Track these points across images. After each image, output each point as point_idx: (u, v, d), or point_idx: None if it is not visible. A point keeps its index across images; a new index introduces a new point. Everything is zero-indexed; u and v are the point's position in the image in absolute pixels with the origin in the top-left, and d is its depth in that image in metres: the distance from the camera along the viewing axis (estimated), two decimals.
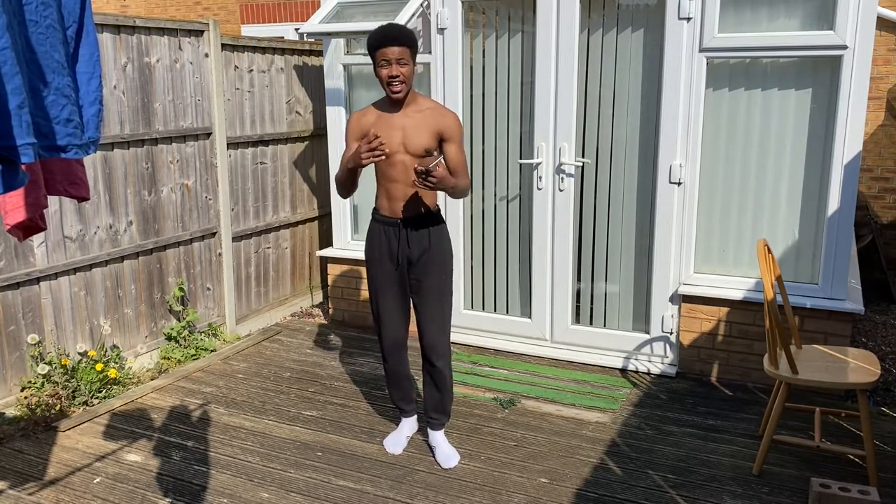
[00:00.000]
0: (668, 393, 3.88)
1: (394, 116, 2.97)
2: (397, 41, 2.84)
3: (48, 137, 1.58)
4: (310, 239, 5.54)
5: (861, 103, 3.53)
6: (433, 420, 3.26)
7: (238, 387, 4.02)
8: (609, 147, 4.14)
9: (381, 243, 3.08)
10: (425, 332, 3.10)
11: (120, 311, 4.14)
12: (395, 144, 2.95)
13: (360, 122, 3.03)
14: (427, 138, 2.95)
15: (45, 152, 1.59)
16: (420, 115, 2.97)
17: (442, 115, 2.98)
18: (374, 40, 2.88)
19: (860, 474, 3.02)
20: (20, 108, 1.42)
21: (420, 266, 3.06)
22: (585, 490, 2.96)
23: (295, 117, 5.25)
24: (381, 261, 3.09)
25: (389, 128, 2.96)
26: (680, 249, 4.01)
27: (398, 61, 2.85)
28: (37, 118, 1.55)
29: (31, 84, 1.52)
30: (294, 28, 8.22)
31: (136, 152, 4.11)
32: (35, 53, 1.53)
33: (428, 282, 3.07)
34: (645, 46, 3.94)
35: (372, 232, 3.12)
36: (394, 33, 2.85)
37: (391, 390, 3.33)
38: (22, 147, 1.43)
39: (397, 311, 3.14)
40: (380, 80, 2.92)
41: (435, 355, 3.11)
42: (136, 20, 4.00)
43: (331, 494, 2.95)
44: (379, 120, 2.99)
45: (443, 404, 3.21)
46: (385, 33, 2.86)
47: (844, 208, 3.65)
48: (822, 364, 3.03)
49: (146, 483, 3.03)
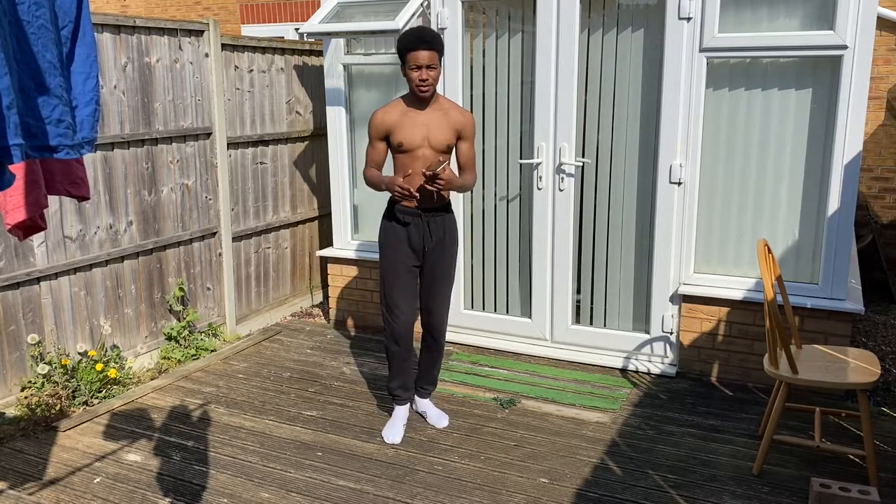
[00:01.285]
0: (668, 393, 3.88)
1: (419, 113, 3.19)
2: (430, 45, 3.05)
3: (38, 138, 1.58)
4: (310, 239, 5.54)
5: (861, 103, 3.53)
6: (425, 390, 3.58)
7: (238, 387, 4.02)
8: (609, 147, 4.14)
9: (400, 233, 3.27)
10: (434, 312, 3.40)
11: (120, 311, 4.14)
12: (420, 139, 3.17)
13: (385, 118, 3.20)
14: (449, 135, 3.21)
15: (35, 153, 1.59)
16: (442, 113, 3.21)
17: (461, 114, 3.26)
18: (407, 43, 3.07)
19: (860, 474, 3.02)
20: (9, 109, 1.42)
21: (437, 253, 3.32)
22: (585, 490, 2.96)
23: (295, 117, 5.25)
24: (399, 249, 3.28)
25: (414, 124, 3.17)
26: (680, 249, 4.01)
27: (428, 66, 3.07)
28: (27, 118, 1.55)
29: (21, 84, 1.52)
30: (294, 28, 8.22)
31: (137, 152, 4.11)
32: (26, 54, 1.53)
33: (441, 266, 3.35)
34: (645, 46, 3.94)
35: (389, 222, 3.31)
36: (427, 37, 3.05)
37: (394, 378, 3.43)
38: (11, 147, 1.43)
39: (410, 297, 3.33)
40: (409, 80, 3.12)
41: (439, 333, 3.44)
42: (136, 20, 4.00)
43: (331, 494, 2.95)
44: (404, 116, 3.19)
45: (435, 376, 3.57)
46: (419, 37, 3.04)
47: (844, 208, 3.65)
48: (822, 364, 3.03)
49: (146, 483, 3.03)
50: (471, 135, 3.27)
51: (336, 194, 4.91)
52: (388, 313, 3.33)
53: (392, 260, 3.29)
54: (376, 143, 3.24)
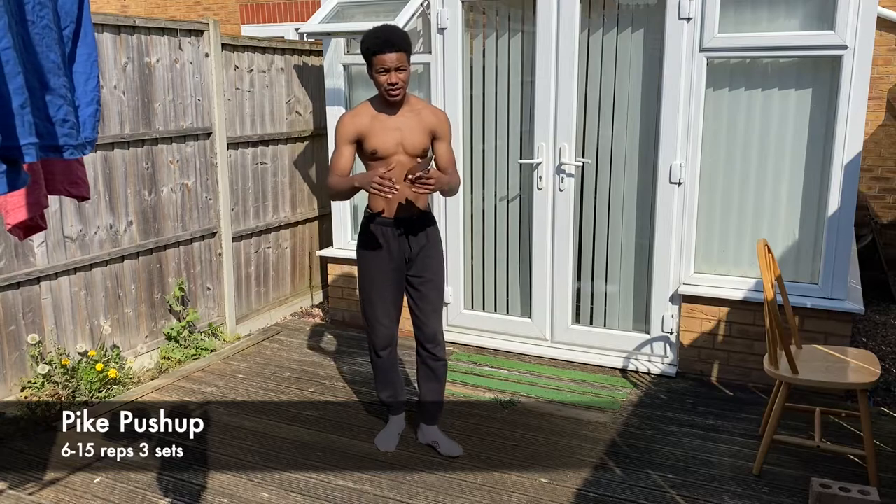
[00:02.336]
0: (668, 393, 3.88)
1: (390, 118, 2.98)
2: (398, 47, 2.83)
3: (45, 137, 1.58)
4: (310, 239, 5.54)
5: (861, 103, 3.53)
6: (434, 414, 3.30)
7: (238, 387, 4.02)
8: (609, 147, 4.14)
9: (377, 243, 3.07)
10: (426, 323, 3.16)
11: (120, 310, 4.14)
12: (393, 145, 2.96)
13: (354, 122, 2.97)
14: (423, 138, 3.00)
15: (42, 152, 1.59)
16: (414, 114, 3.00)
17: (433, 113, 3.05)
18: (371, 46, 2.86)
19: (860, 474, 3.02)
20: (22, 108, 1.42)
21: (420, 262, 3.12)
22: (585, 490, 2.96)
23: (295, 117, 5.25)
24: (379, 260, 3.09)
25: (386, 129, 2.96)
26: (680, 249, 4.01)
27: (397, 69, 2.86)
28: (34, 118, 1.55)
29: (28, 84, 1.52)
30: (294, 28, 8.22)
31: (137, 152, 4.11)
32: (31, 54, 1.53)
33: (428, 275, 3.13)
34: (645, 46, 3.94)
35: (367, 233, 3.10)
36: (394, 39, 2.83)
37: (382, 390, 3.34)
38: (25, 147, 1.44)
39: (393, 307, 3.18)
40: (377, 84, 2.91)
41: (436, 345, 3.20)
42: (136, 20, 4.00)
43: (331, 494, 2.95)
44: (374, 121, 2.97)
45: (441, 396, 3.30)
46: (385, 39, 2.83)
47: (844, 208, 3.65)
48: (822, 364, 3.03)
49: (146, 483, 3.03)
50: (447, 134, 3.06)
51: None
52: (369, 327, 3.20)
53: (371, 274, 3.12)
54: (343, 148, 2.97)
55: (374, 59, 2.86)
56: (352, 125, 2.97)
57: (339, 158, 2.99)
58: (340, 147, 2.99)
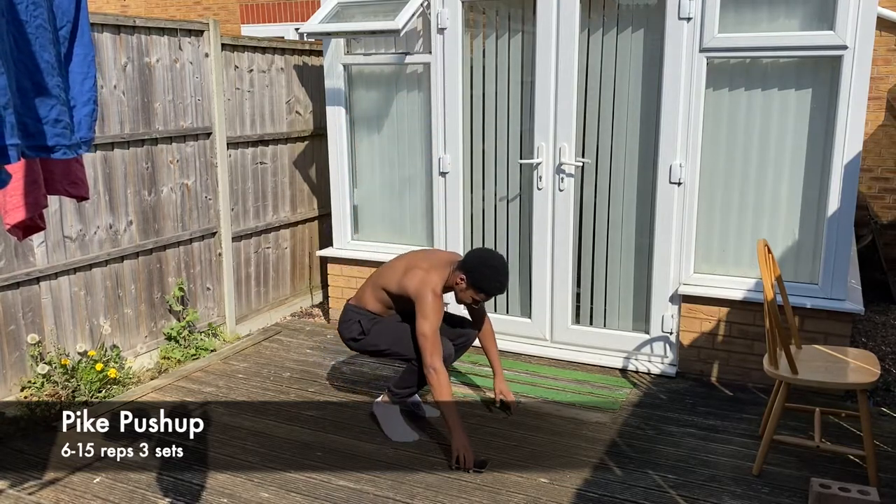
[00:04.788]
0: (668, 393, 3.88)
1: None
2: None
3: (35, 137, 1.58)
4: (310, 239, 5.54)
5: (861, 103, 3.53)
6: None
7: (238, 387, 4.02)
8: (609, 147, 4.14)
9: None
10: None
11: (120, 310, 4.14)
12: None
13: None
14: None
15: (32, 152, 1.59)
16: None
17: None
18: (491, 291, 3.28)
19: (860, 474, 3.01)
20: (5, 109, 1.42)
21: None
22: (585, 490, 2.96)
23: (295, 117, 5.25)
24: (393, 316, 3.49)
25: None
26: (680, 249, 4.01)
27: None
28: (25, 118, 1.55)
29: (19, 84, 1.52)
30: (294, 28, 8.21)
31: (136, 152, 4.11)
32: (24, 53, 1.53)
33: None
34: (645, 46, 3.94)
35: (367, 316, 3.46)
36: (506, 287, 3.36)
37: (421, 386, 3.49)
38: (7, 148, 1.44)
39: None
40: (464, 294, 3.29)
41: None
42: (135, 20, 4.00)
43: (331, 494, 2.95)
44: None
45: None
46: (504, 285, 3.30)
47: (844, 208, 3.65)
48: (822, 364, 3.03)
49: (146, 483, 3.03)
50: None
51: (336, 194, 4.91)
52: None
53: (396, 326, 3.43)
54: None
55: (486, 294, 3.28)
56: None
57: (437, 320, 3.25)
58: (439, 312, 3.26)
